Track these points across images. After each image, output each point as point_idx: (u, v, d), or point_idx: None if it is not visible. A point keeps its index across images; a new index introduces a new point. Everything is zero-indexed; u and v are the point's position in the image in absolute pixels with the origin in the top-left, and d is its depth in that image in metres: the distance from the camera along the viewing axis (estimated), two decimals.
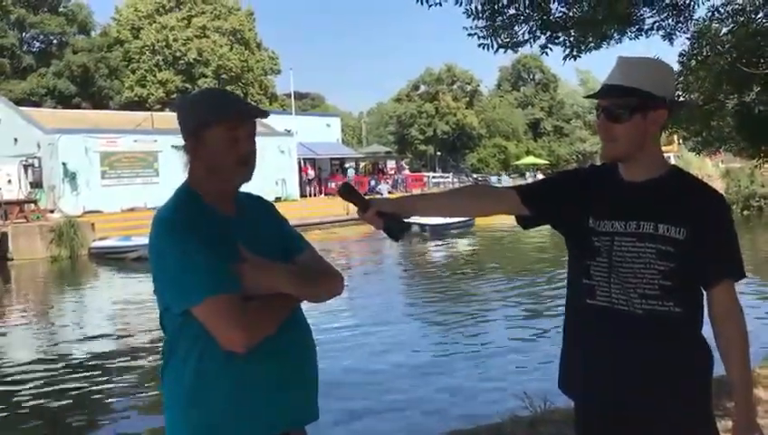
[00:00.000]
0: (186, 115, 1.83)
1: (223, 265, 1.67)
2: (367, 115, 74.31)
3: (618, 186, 1.89)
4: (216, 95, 1.91)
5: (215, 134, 1.77)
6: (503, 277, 16.89)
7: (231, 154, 1.78)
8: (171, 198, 1.81)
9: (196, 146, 1.80)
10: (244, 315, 1.65)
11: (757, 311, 10.84)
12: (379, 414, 7.04)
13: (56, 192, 26.13)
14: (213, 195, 1.81)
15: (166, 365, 1.79)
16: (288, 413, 1.78)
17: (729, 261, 1.83)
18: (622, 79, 1.83)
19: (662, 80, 1.85)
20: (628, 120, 1.81)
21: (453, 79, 60.65)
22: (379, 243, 22.94)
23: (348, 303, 13.31)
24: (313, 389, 1.87)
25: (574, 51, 5.12)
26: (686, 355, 1.83)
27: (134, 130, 29.67)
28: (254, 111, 1.88)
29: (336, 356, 8.94)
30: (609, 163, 1.94)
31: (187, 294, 1.66)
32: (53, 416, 7.68)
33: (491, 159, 58.06)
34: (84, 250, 22.76)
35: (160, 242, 1.72)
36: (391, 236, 1.92)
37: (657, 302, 1.78)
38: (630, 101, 1.81)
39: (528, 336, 10.44)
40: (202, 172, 1.80)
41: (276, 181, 31.21)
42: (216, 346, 1.66)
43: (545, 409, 4.95)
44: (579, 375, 1.93)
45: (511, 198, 1.98)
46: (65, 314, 14.73)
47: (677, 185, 1.86)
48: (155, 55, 47.54)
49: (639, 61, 1.90)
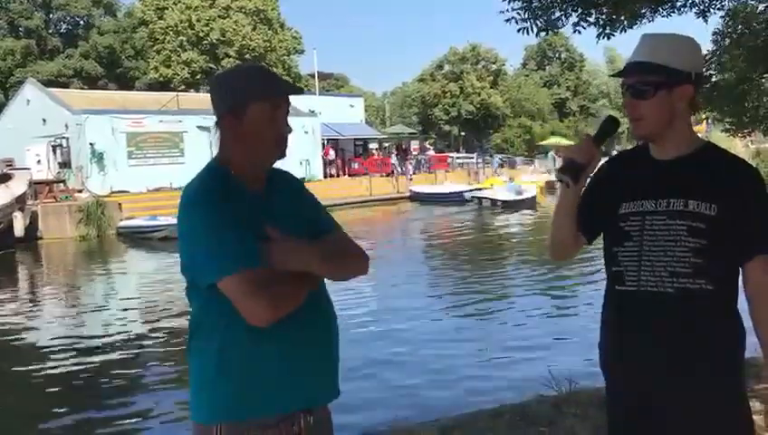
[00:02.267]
0: (227, 89, 1.82)
1: (250, 240, 1.68)
2: (390, 95, 74.01)
3: (648, 165, 1.88)
4: (258, 70, 1.90)
5: (258, 109, 1.77)
6: (535, 258, 16.82)
7: (269, 133, 1.78)
8: (200, 173, 1.81)
9: (235, 121, 1.78)
10: (269, 290, 1.65)
11: None
12: (401, 391, 7.08)
13: (84, 172, 26.45)
14: (244, 172, 1.80)
15: (191, 340, 1.81)
16: (311, 390, 1.80)
17: (763, 236, 1.80)
18: (646, 56, 1.81)
19: (687, 55, 1.82)
20: (654, 97, 1.80)
21: (477, 58, 59.98)
22: (403, 222, 22.94)
23: (373, 280, 13.34)
24: (335, 366, 1.88)
25: (607, 29, 5.05)
26: (718, 333, 1.81)
27: (160, 111, 29.87)
28: (292, 89, 1.88)
29: (359, 332, 9.01)
30: (642, 144, 1.93)
31: (213, 267, 1.67)
32: (81, 391, 7.86)
33: (516, 139, 57.55)
34: (112, 229, 23.11)
35: (188, 215, 1.73)
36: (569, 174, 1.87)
37: (689, 280, 1.77)
38: (655, 78, 1.79)
39: (553, 316, 10.41)
40: (237, 149, 1.79)
41: (300, 162, 31.27)
42: (241, 322, 1.67)
43: (570, 389, 4.96)
44: (609, 361, 1.95)
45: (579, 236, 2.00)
46: (94, 292, 14.99)
47: (709, 161, 1.83)
48: (179, 36, 47.67)
49: (663, 37, 1.87)
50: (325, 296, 1.88)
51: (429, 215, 27.52)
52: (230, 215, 1.68)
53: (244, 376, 1.72)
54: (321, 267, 1.77)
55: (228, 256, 1.65)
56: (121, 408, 7.26)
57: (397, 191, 33.86)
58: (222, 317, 1.70)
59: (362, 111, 44.09)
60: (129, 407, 7.32)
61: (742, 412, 1.85)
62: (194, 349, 1.79)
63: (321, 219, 1.94)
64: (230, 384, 1.72)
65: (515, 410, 4.46)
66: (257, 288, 1.64)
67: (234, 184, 1.77)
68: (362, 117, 43.90)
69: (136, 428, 6.73)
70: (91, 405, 7.37)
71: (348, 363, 1.95)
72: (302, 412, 1.78)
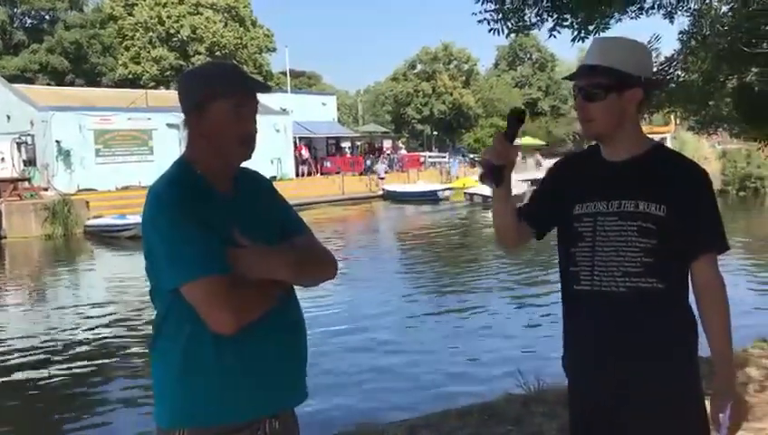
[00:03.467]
0: (191, 86, 1.78)
1: (216, 245, 1.64)
2: (363, 94, 73.95)
3: (599, 167, 1.93)
4: (225, 67, 1.86)
5: (220, 107, 1.73)
6: (500, 256, 16.93)
7: (233, 131, 1.74)
8: (167, 172, 1.77)
9: (199, 119, 1.74)
10: (234, 298, 1.61)
11: (750, 292, 10.90)
12: (370, 392, 7.07)
13: (50, 170, 26.00)
14: (211, 171, 1.76)
15: (155, 342, 1.76)
16: (277, 395, 1.77)
17: (711, 234, 1.86)
18: (597, 59, 1.86)
19: (638, 59, 1.88)
20: (604, 100, 1.84)
21: (450, 58, 60.26)
22: (374, 222, 22.96)
23: (339, 281, 13.34)
24: (303, 369, 1.86)
25: (582, 33, 5.10)
26: (671, 331, 1.85)
27: (129, 108, 29.47)
28: (260, 87, 1.84)
29: (323, 334, 8.96)
30: (594, 146, 1.97)
31: (177, 271, 1.63)
32: (46, 394, 7.69)
33: (488, 138, 57.87)
34: (79, 228, 22.74)
35: (153, 217, 1.68)
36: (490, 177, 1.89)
37: (641, 279, 1.81)
38: (606, 81, 1.83)
39: (523, 315, 10.48)
40: (202, 148, 1.76)
41: (271, 160, 31.10)
42: (205, 326, 1.63)
43: (538, 388, 4.98)
44: (570, 359, 1.99)
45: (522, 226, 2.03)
46: (58, 292, 14.72)
47: (658, 162, 1.88)
48: (148, 32, 47.07)
49: (614, 40, 1.93)
50: (293, 298, 1.85)
51: (402, 214, 27.59)
52: (196, 217, 1.64)
53: (207, 381, 1.68)
54: (288, 274, 1.74)
55: (192, 261, 1.61)
56: (84, 411, 7.13)
57: (369, 190, 33.86)
58: (186, 320, 1.66)
59: (335, 110, 44.00)
60: (92, 410, 7.18)
61: (698, 409, 1.88)
62: (157, 351, 1.75)
63: (291, 221, 1.91)
64: (193, 389, 1.68)
65: (484, 409, 4.47)
66: (220, 296, 1.60)
67: (201, 184, 1.73)
68: (335, 115, 43.80)
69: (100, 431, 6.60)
70: (52, 407, 7.23)
71: (316, 365, 1.93)
72: (267, 418, 1.75)
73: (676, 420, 1.84)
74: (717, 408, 1.84)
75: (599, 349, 1.87)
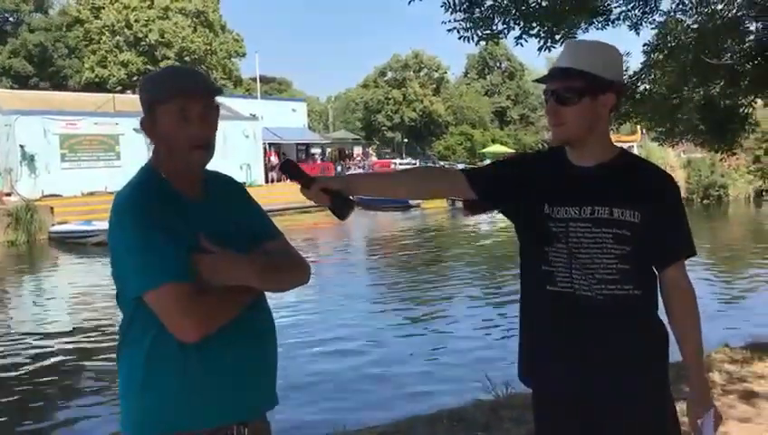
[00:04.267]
0: (141, 92, 1.77)
1: (180, 252, 1.61)
2: (334, 100, 73.90)
3: (569, 171, 1.88)
4: (170, 71, 1.83)
5: (165, 111, 1.70)
6: (464, 262, 17.01)
7: (182, 134, 1.70)
8: (133, 178, 1.75)
9: (151, 124, 1.73)
10: (198, 305, 1.59)
11: (714, 298, 11.12)
12: (338, 399, 7.04)
13: (13, 175, 25.45)
14: (175, 176, 1.74)
15: (121, 347, 1.74)
16: (245, 402, 1.74)
17: (681, 240, 1.87)
18: (570, 62, 1.82)
19: (611, 63, 1.84)
20: (577, 104, 1.80)
21: (420, 66, 60.61)
22: (344, 230, 22.90)
23: (312, 288, 13.28)
24: (272, 375, 1.84)
25: (548, 42, 5.16)
26: (647, 337, 1.85)
27: (95, 113, 29.02)
28: (203, 87, 1.77)
29: (295, 341, 8.91)
30: (557, 148, 1.92)
31: (140, 279, 1.61)
32: (9, 405, 7.50)
33: (458, 146, 58.28)
34: (43, 234, 22.28)
35: (118, 223, 1.66)
36: (336, 214, 1.88)
37: (616, 286, 1.78)
38: (579, 85, 1.79)
39: (491, 320, 10.53)
40: (162, 152, 1.74)
41: (241, 166, 30.85)
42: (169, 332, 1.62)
43: (507, 393, 5.01)
44: (541, 363, 1.91)
45: (459, 181, 1.96)
46: (23, 301, 14.39)
47: (629, 168, 1.86)
48: (115, 36, 46.47)
49: (588, 44, 1.89)
50: (263, 302, 1.82)
51: (373, 221, 27.56)
52: (162, 223, 1.62)
53: (172, 387, 1.65)
54: (259, 281, 1.71)
55: (155, 269, 1.59)
56: (47, 420, 6.96)
57: None
58: (151, 326, 1.63)
59: (305, 116, 43.86)
60: (55, 419, 7.01)
61: (672, 415, 1.89)
62: (123, 357, 1.72)
63: (264, 225, 1.89)
64: (158, 395, 1.66)
65: (453, 415, 4.48)
66: (183, 303, 1.58)
67: (167, 189, 1.71)
68: (305, 122, 43.66)
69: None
70: (14, 417, 7.02)
71: (284, 371, 1.91)
72: (236, 424, 1.72)
73: (649, 424, 1.83)
74: (696, 414, 1.84)
75: (576, 355, 1.82)
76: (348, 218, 1.90)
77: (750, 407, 4.36)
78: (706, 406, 1.85)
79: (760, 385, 4.77)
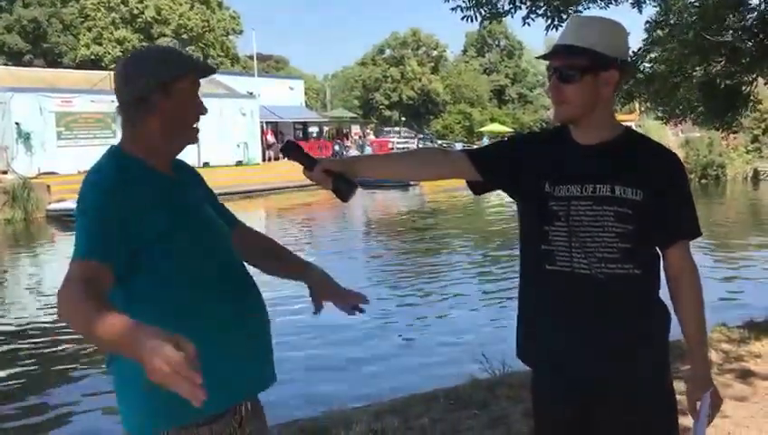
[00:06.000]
0: (151, 67, 1.71)
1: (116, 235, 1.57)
2: (332, 79, 73.51)
3: (572, 149, 1.85)
4: (174, 50, 1.85)
5: (184, 88, 1.72)
6: (462, 240, 17.02)
7: (193, 111, 1.75)
8: (101, 160, 1.74)
9: (162, 100, 1.70)
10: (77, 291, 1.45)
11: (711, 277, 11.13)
12: (334, 377, 7.05)
13: (9, 153, 25.33)
14: (153, 156, 1.73)
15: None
16: (246, 383, 1.76)
17: (685, 221, 1.85)
18: (574, 39, 1.79)
19: (614, 40, 1.81)
20: (579, 81, 1.77)
21: (418, 44, 60.20)
22: (341, 207, 22.88)
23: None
24: (270, 353, 1.85)
25: (555, 21, 5.12)
26: (647, 318, 1.83)
27: (91, 90, 28.79)
28: (202, 67, 1.83)
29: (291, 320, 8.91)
30: (560, 126, 1.90)
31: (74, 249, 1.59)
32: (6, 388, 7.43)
33: (456, 125, 58.07)
34: (40, 212, 22.23)
35: (82, 198, 1.66)
36: (339, 196, 1.88)
37: (617, 265, 1.76)
38: (582, 62, 1.76)
39: (487, 299, 10.56)
40: (155, 130, 1.71)
41: (238, 144, 30.72)
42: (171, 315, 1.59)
43: (504, 372, 5.02)
44: (540, 344, 1.90)
45: (462, 162, 1.94)
46: (19, 277, 14.38)
47: (633, 146, 1.84)
48: (111, 12, 45.99)
49: (591, 20, 1.86)
50: (252, 283, 1.84)
51: (370, 200, 27.54)
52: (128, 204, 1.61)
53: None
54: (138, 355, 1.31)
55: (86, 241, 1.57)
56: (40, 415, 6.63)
57: None
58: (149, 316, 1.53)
59: (302, 94, 43.64)
60: (48, 413, 6.70)
61: (671, 394, 1.89)
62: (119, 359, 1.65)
63: (225, 213, 1.94)
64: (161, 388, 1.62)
65: (449, 394, 4.49)
66: (71, 281, 1.49)
67: (142, 167, 1.71)
68: (302, 100, 43.46)
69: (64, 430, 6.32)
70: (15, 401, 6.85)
71: (280, 352, 1.91)
72: (242, 403, 1.76)
73: (649, 405, 1.82)
74: (695, 396, 1.83)
75: (576, 335, 1.81)
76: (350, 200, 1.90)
77: (747, 386, 4.38)
78: (707, 388, 1.84)
79: (756, 364, 4.79)
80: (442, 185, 29.15)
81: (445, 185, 28.58)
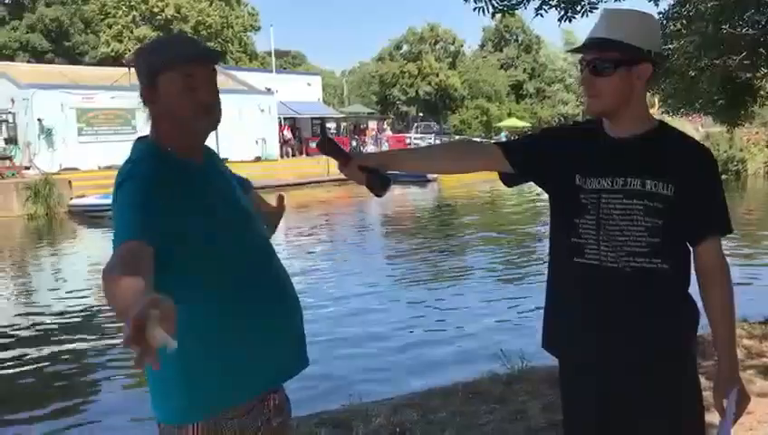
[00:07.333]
0: (139, 63, 1.74)
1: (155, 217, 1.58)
2: (349, 74, 73.44)
3: (603, 142, 1.85)
4: (168, 39, 1.90)
5: (167, 80, 1.69)
6: (482, 236, 16.98)
7: (188, 102, 1.69)
8: (132, 154, 1.75)
9: (152, 95, 1.72)
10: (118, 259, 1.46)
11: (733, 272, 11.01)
12: (354, 371, 7.08)
13: (32, 149, 25.65)
14: (181, 146, 1.74)
15: None
16: (278, 368, 1.79)
17: (717, 216, 1.83)
18: (607, 32, 1.77)
19: (648, 32, 1.80)
20: (613, 74, 1.76)
21: (436, 39, 59.93)
22: (359, 203, 22.92)
23: (328, 262, 13.36)
24: (302, 338, 1.88)
25: (568, 12, 5.09)
26: (674, 313, 1.82)
27: (111, 87, 29.03)
28: (206, 52, 1.78)
29: (313, 313, 8.96)
30: (593, 119, 1.90)
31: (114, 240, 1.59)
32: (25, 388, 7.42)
33: (473, 120, 57.80)
34: (62, 208, 22.51)
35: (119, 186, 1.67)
36: (374, 191, 1.89)
37: (645, 259, 1.76)
38: (615, 55, 1.76)
39: (506, 295, 10.54)
40: (166, 124, 1.73)
41: (256, 140, 30.82)
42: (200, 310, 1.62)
43: (522, 367, 5.03)
44: (566, 334, 1.91)
45: (495, 155, 1.94)
46: (42, 273, 14.58)
47: (665, 140, 1.83)
48: (132, 10, 46.34)
49: (624, 13, 1.85)
50: (282, 270, 1.87)
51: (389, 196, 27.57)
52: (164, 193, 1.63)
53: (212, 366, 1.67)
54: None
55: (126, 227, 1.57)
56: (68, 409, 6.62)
57: None
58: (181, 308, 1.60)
59: (320, 90, 43.63)
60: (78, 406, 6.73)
61: (697, 390, 1.88)
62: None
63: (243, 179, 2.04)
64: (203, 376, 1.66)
65: (468, 388, 4.51)
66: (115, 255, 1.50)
67: (173, 161, 1.72)
68: (320, 96, 43.46)
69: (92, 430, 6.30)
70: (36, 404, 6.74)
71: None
72: (272, 392, 1.80)
73: (676, 400, 1.82)
74: (722, 394, 1.82)
75: (602, 327, 1.81)
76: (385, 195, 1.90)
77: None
78: (733, 386, 1.82)
79: None
80: (462, 179, 29.09)
81: (465, 179, 28.51)
